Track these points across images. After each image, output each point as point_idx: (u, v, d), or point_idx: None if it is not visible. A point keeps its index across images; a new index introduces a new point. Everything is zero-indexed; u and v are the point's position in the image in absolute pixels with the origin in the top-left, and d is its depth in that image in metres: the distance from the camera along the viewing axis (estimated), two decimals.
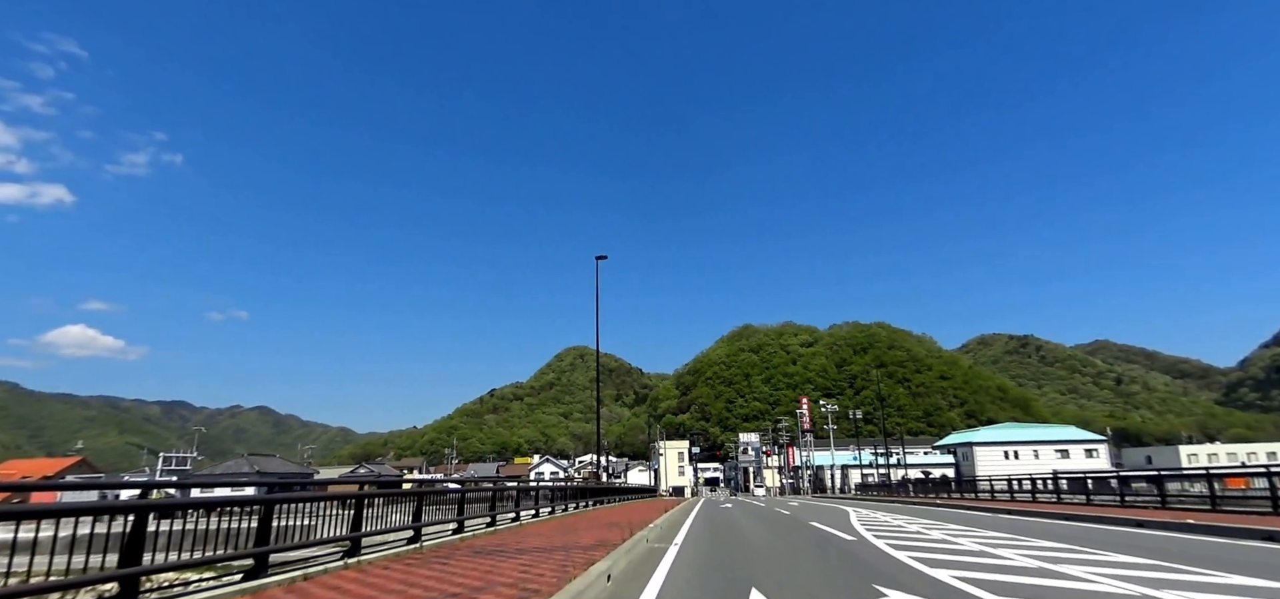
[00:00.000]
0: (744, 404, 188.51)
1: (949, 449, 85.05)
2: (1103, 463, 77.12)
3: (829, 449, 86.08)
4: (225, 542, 6.44)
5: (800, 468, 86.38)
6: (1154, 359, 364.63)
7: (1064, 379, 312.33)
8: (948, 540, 12.14)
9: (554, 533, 12.88)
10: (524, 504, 16.83)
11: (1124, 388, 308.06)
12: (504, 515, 14.96)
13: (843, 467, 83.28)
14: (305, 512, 8.07)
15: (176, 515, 7.04)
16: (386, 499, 9.96)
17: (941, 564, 8.71)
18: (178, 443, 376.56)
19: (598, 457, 35.90)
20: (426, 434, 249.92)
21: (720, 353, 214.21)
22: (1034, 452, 78.04)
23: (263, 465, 79.44)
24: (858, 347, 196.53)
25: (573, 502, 23.61)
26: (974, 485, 39.93)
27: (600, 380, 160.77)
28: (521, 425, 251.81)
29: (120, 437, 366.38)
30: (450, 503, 13.17)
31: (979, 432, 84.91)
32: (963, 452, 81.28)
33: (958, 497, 39.31)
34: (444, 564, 8.19)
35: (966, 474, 78.20)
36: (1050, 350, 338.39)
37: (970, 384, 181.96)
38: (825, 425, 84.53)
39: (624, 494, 47.03)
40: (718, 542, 13.13)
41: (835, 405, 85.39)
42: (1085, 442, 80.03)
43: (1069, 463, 75.80)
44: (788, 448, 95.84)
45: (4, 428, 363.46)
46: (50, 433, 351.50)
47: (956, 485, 50.20)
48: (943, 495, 42.42)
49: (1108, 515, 17.06)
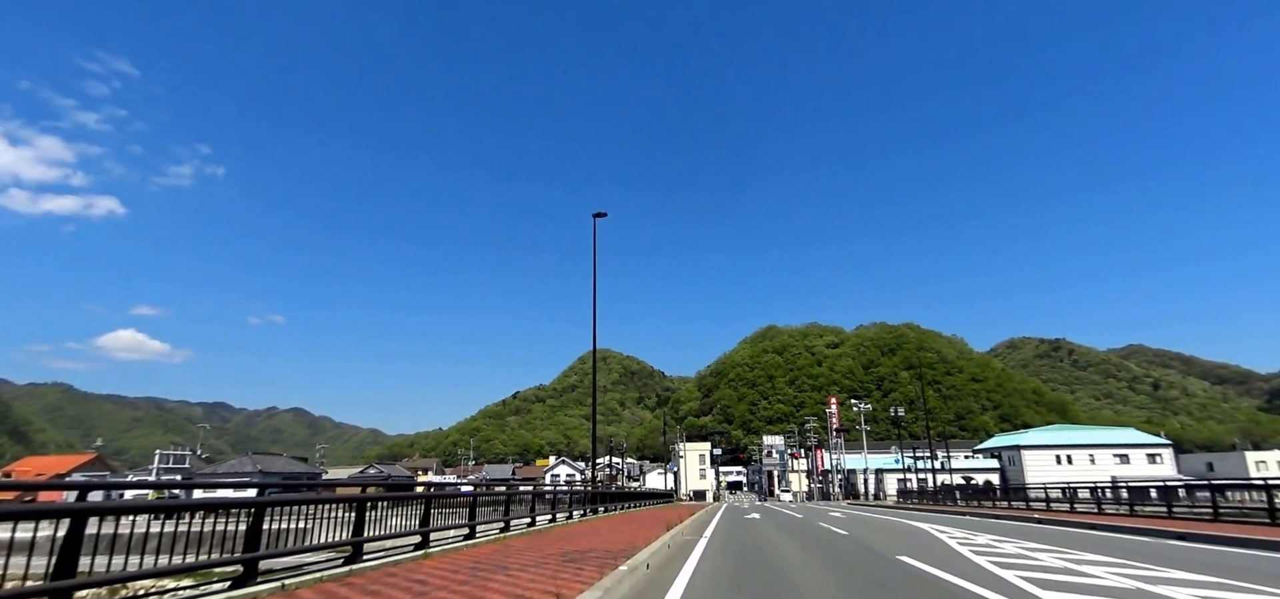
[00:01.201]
0: (768, 406, 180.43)
1: (993, 453, 76.76)
2: (1167, 469, 68.30)
3: (861, 452, 78.47)
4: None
5: (830, 472, 78.83)
6: (1191, 364, 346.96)
7: (1098, 384, 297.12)
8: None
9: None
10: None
11: (1161, 393, 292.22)
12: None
13: (877, 471, 75.58)
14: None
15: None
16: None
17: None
18: (217, 442, 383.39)
19: (594, 455, 29.54)
20: (450, 436, 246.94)
21: (743, 354, 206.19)
22: (1089, 456, 69.61)
23: (267, 465, 74.66)
24: (886, 348, 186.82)
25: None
26: (1022, 493, 33.68)
27: (620, 383, 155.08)
28: (544, 427, 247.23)
29: (165, 436, 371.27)
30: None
31: (1026, 433, 76.52)
32: (1009, 455, 73.06)
33: (1022, 507, 31.97)
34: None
35: (1013, 480, 70.04)
36: (1082, 354, 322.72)
37: (1003, 387, 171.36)
38: (858, 426, 76.98)
39: (636, 500, 40.81)
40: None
41: (868, 404, 77.70)
42: (1147, 446, 71.19)
43: (1129, 469, 67.26)
44: (816, 450, 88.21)
45: (58, 427, 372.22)
46: (101, 432, 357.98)
47: (1003, 492, 44.65)
48: (988, 502, 36.49)
49: (1221, 534, 13.10)
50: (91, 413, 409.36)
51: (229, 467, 71.37)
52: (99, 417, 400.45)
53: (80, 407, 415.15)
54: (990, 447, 78.95)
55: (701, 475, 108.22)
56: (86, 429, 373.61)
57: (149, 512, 5.95)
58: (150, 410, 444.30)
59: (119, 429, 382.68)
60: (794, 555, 11.29)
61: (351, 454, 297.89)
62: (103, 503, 5.75)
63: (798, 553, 11.71)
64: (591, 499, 24.23)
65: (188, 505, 6.16)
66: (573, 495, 22.86)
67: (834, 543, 13.81)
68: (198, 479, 56.85)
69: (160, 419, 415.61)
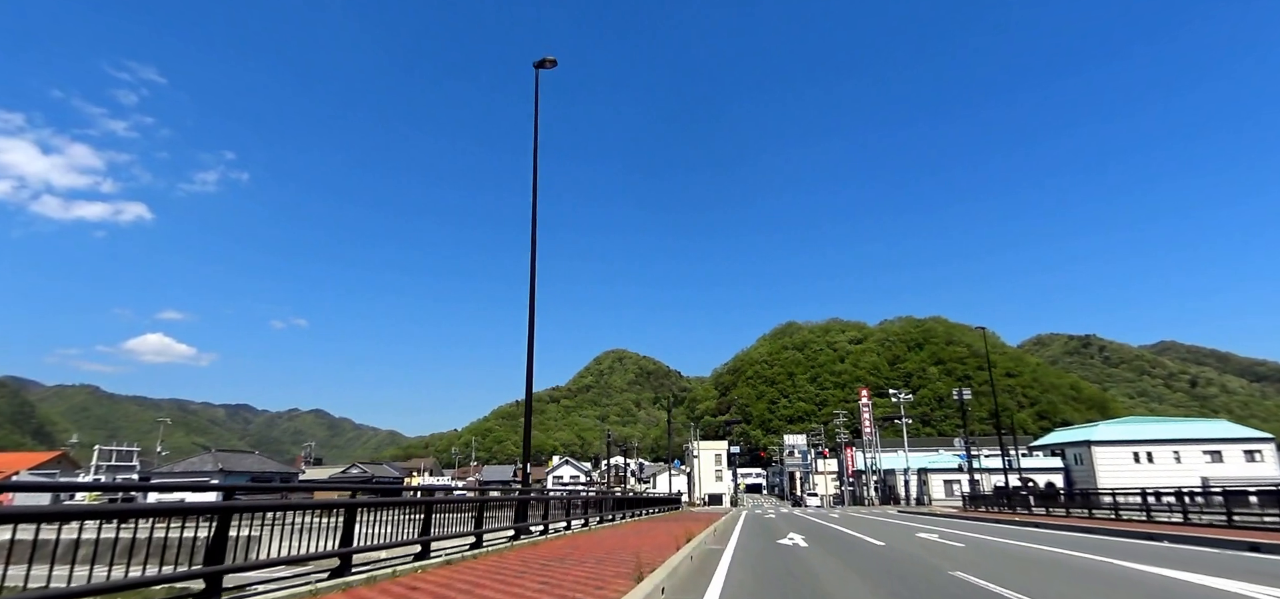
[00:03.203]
0: (788, 405, 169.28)
1: (1054, 449, 65.68)
2: (1270, 469, 56.88)
3: (899, 450, 67.98)
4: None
5: (864, 472, 68.29)
6: (1226, 361, 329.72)
7: (1132, 381, 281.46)
8: None
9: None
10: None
11: (1199, 390, 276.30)
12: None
13: (919, 471, 64.98)
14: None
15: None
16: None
17: None
18: (239, 444, 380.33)
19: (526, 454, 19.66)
20: (463, 436, 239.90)
21: (762, 351, 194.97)
22: (1173, 453, 58.36)
23: (233, 464, 66.09)
24: (912, 343, 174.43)
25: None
26: (1091, 499, 27.94)
27: (636, 383, 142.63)
28: (557, 428, 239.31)
29: (187, 437, 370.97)
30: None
31: (1095, 428, 65.30)
32: (1075, 453, 62.05)
33: (1110, 516, 23.35)
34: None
35: (1080, 481, 59.13)
36: (1114, 351, 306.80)
37: (1040, 382, 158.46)
38: (898, 419, 66.51)
39: (636, 507, 31.30)
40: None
41: (909, 394, 67.20)
42: (1244, 440, 59.69)
43: (1223, 468, 56.02)
44: (846, 449, 77.61)
45: (84, 428, 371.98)
46: (125, 433, 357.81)
47: (1067, 497, 36.32)
48: (1058, 510, 30.92)
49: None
50: (117, 414, 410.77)
51: (188, 466, 62.95)
52: (124, 418, 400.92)
53: (106, 408, 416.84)
54: (1051, 443, 67.80)
55: (717, 477, 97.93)
56: (112, 430, 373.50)
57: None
58: (174, 412, 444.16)
59: (143, 430, 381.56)
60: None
61: (369, 455, 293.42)
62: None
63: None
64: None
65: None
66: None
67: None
68: (157, 480, 47.65)
69: (184, 421, 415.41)
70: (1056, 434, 73.39)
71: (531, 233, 14.66)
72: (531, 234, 14.65)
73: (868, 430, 70.77)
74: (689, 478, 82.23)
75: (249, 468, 67.81)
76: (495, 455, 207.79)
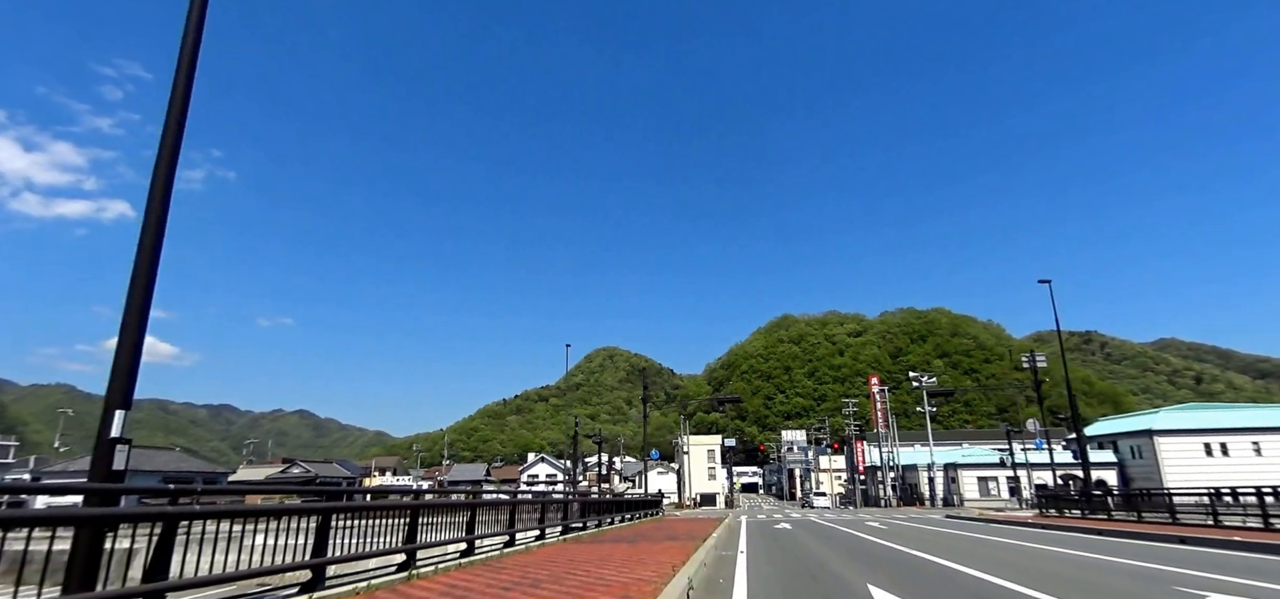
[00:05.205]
0: (785, 401, 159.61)
1: (1104, 441, 56.07)
2: None
3: (917, 444, 58.33)
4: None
5: (879, 468, 58.45)
6: (1229, 358, 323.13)
7: (1135, 378, 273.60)
8: None
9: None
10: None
11: (1205, 387, 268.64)
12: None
13: (946, 466, 55.24)
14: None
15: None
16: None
17: None
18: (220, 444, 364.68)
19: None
20: (448, 435, 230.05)
21: (757, 345, 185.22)
22: (1253, 444, 48.86)
23: (142, 461, 55.70)
24: (915, 335, 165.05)
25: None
26: (1154, 500, 22.18)
27: (628, 381, 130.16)
28: (545, 427, 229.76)
29: (166, 437, 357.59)
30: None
31: (1157, 415, 55.77)
32: (1132, 445, 52.49)
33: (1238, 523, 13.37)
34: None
35: (1140, 478, 49.59)
36: (1116, 347, 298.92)
37: (1050, 375, 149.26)
38: (918, 408, 56.84)
39: (608, 512, 21.27)
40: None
41: (933, 378, 57.75)
42: None
43: None
44: (856, 443, 67.79)
45: (58, 428, 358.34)
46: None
47: (1126, 499, 26.81)
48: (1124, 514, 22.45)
49: None
50: (93, 414, 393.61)
51: (83, 465, 52.49)
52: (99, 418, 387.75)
53: (82, 408, 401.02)
54: (1100, 433, 58.14)
55: (710, 475, 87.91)
56: (88, 431, 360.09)
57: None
58: (153, 413, 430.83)
59: None
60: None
61: (356, 455, 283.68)
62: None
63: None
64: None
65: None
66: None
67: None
68: (46, 482, 37.29)
69: (163, 421, 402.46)
70: (1105, 423, 63.81)
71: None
72: None
73: (882, 421, 61.08)
74: (678, 476, 72.15)
75: (162, 466, 57.33)
76: (480, 454, 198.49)
